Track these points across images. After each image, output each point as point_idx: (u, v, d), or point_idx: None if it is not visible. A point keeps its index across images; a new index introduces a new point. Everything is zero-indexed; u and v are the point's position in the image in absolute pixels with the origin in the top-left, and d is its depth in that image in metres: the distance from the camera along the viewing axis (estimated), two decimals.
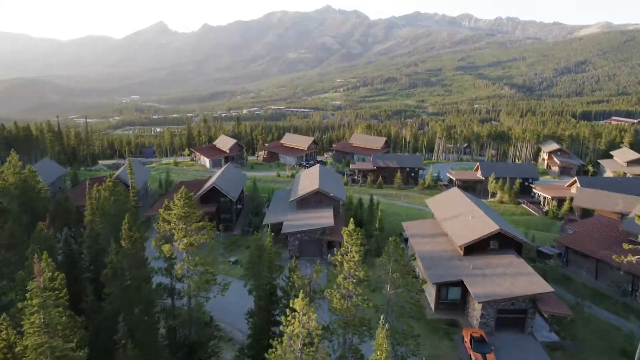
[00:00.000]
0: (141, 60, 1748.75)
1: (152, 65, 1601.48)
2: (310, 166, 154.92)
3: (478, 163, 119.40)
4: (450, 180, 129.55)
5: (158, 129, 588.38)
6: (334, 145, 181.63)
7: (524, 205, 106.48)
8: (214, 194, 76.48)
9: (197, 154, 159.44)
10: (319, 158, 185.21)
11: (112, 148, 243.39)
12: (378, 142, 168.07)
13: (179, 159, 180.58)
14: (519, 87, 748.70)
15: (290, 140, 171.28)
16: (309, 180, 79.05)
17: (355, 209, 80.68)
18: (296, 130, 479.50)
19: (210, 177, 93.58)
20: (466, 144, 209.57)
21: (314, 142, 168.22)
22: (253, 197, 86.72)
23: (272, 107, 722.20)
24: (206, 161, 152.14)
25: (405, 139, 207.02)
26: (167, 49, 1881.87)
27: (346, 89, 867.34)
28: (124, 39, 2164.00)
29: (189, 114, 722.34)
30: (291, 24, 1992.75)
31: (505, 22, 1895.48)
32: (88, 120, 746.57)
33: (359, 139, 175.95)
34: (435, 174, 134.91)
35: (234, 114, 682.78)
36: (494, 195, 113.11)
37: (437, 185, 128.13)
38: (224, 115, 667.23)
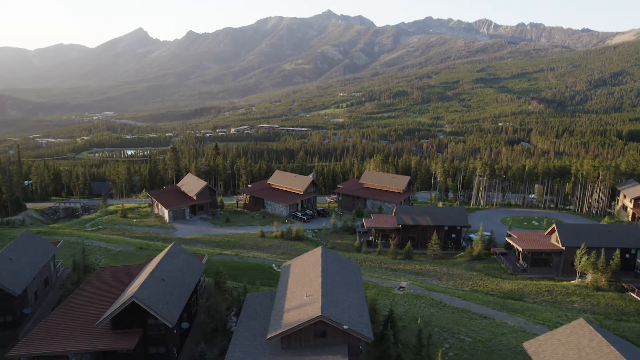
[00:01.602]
0: (117, 71, 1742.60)
1: (129, 77, 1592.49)
2: (307, 219, 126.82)
3: (553, 224, 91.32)
4: (508, 246, 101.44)
5: (130, 152, 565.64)
6: (339, 186, 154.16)
7: (634, 295, 78.03)
8: (135, 314, 48.47)
9: (155, 200, 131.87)
10: (321, 198, 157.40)
11: (58, 180, 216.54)
12: (399, 183, 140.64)
13: (133, 203, 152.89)
14: (548, 102, 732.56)
15: (281, 180, 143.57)
16: (303, 286, 50.74)
17: (382, 327, 52.78)
18: (292, 155, 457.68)
19: (148, 261, 65.07)
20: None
21: (313, 183, 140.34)
22: (212, 306, 58.12)
23: (265, 125, 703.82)
24: (164, 212, 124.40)
25: (433, 175, 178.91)
26: (147, 59, 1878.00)
27: (350, 104, 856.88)
28: (98, 47, 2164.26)
29: (167, 134, 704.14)
30: (287, 32, 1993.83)
31: (528, 29, 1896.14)
32: (52, 140, 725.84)
33: (373, 177, 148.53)
34: (487, 234, 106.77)
35: (220, 133, 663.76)
36: (583, 275, 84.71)
37: (492, 254, 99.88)
38: (208, 135, 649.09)
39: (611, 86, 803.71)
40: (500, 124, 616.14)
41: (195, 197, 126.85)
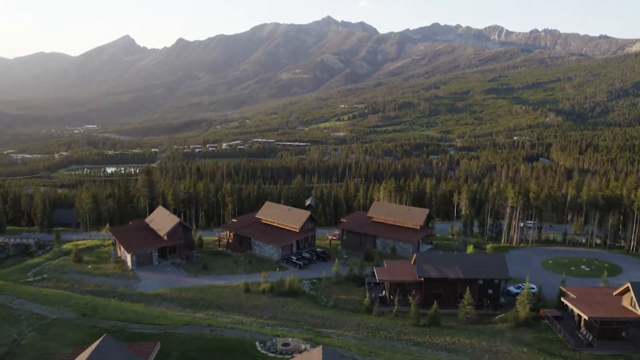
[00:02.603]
0: (101, 82, 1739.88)
1: (114, 88, 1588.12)
2: (304, 264, 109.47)
3: (629, 284, 74.07)
4: (560, 303, 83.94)
5: (111, 169, 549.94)
6: (343, 220, 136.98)
7: None
8: None
9: (117, 241, 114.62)
10: (321, 231, 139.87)
11: (18, 207, 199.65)
12: (416, 217, 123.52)
13: (96, 239, 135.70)
14: (566, 114, 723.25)
15: (273, 214, 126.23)
16: None
17: None
18: (288, 174, 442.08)
19: (74, 355, 47.79)
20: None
21: (311, 218, 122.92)
22: None
23: (259, 140, 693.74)
24: (127, 257, 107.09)
25: (456, 207, 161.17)
26: (133, 69, 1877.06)
27: (351, 116, 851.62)
28: (81, 56, 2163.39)
29: (153, 149, 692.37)
30: (284, 39, 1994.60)
31: (542, 36, 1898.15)
32: (28, 156, 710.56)
33: (384, 210, 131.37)
34: (533, 288, 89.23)
35: (210, 148, 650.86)
36: None
37: (542, 318, 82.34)
38: (198, 150, 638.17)
39: (634, 97, 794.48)
40: (515, 138, 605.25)
41: (165, 237, 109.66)
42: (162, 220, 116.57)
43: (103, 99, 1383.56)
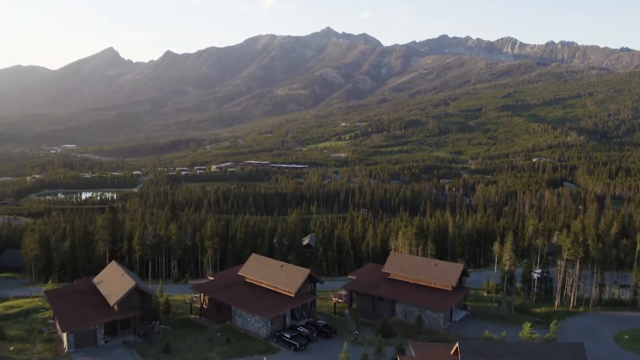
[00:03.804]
0: (82, 97, 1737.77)
1: (96, 104, 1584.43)
2: (301, 345, 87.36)
3: None
4: None
5: (86, 195, 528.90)
6: (351, 277, 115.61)
7: None
8: None
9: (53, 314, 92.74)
10: (323, 287, 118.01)
11: None
12: (446, 275, 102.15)
13: (37, 299, 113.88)
14: (589, 133, 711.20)
15: (261, 272, 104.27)
16: None
17: None
18: (284, 201, 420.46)
19: None
20: (549, 254, 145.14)
21: (311, 278, 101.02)
22: None
23: (252, 162, 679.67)
24: (63, 337, 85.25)
25: (496, 260, 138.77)
26: (117, 83, 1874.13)
27: (353, 136, 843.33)
28: (61, 70, 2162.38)
29: (135, 172, 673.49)
30: (280, 52, 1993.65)
31: (559, 48, 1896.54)
32: None
33: (404, 264, 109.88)
34: None
35: (198, 171, 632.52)
36: None
37: None
38: (184, 173, 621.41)
39: None
40: (534, 159, 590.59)
41: (116, 308, 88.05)
42: (113, 283, 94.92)
43: (83, 116, 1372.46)
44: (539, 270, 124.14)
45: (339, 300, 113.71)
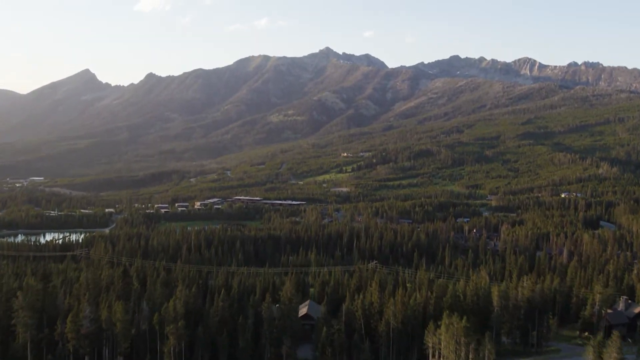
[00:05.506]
0: (54, 124, 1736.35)
1: (70, 131, 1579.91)
2: None
3: None
4: None
5: (49, 236, 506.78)
6: None
7: None
8: None
9: None
10: None
11: None
12: None
13: None
14: (623, 164, 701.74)
15: None
16: None
17: None
18: (277, 245, 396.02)
19: None
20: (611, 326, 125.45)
21: None
22: None
23: (242, 197, 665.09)
24: None
25: (536, 318, 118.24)
26: (93, 109, 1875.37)
27: (356, 167, 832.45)
28: (31, 93, 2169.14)
29: (108, 209, 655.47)
30: (274, 74, 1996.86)
31: (583, 70, 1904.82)
32: None
33: None
34: None
35: (180, 209, 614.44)
36: None
37: None
38: (164, 211, 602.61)
39: None
40: (563, 194, 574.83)
41: None
42: None
43: (55, 145, 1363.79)
44: None
45: None
